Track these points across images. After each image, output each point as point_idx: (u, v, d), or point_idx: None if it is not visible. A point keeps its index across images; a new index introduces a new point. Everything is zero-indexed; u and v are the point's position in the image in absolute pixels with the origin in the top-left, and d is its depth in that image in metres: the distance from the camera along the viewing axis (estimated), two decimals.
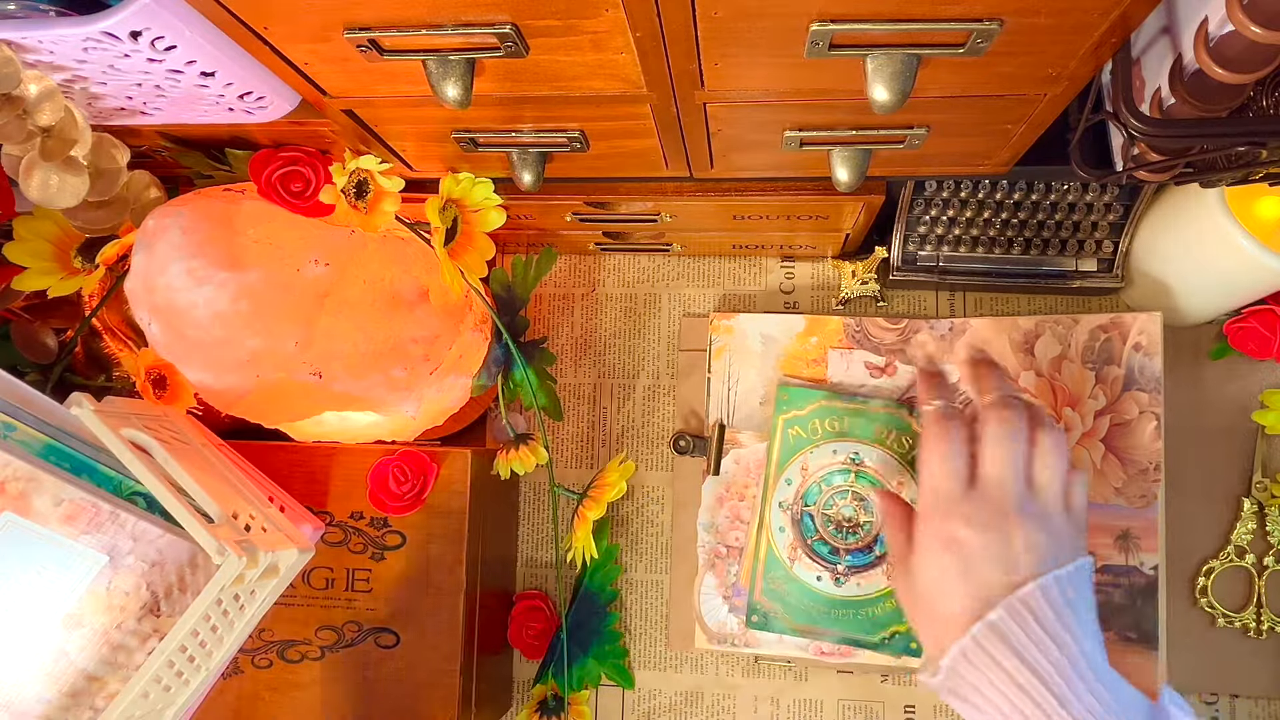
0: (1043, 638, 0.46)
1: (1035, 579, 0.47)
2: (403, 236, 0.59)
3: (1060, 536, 0.50)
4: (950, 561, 0.49)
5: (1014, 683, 0.45)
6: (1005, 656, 0.45)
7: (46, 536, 0.50)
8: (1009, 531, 0.49)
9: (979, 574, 0.48)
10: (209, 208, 0.54)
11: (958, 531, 0.49)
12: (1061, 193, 0.67)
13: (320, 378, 0.56)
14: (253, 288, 0.53)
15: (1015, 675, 0.45)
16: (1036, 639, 0.45)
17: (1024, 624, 0.46)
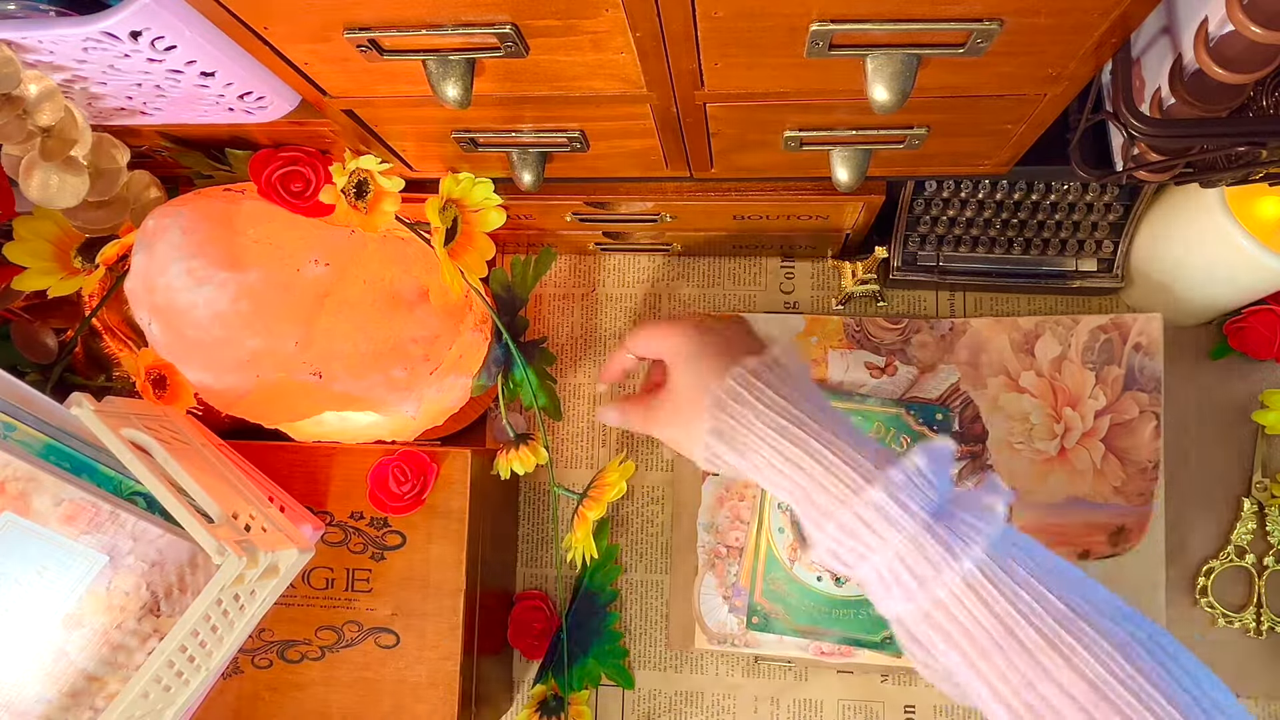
0: (790, 379, 0.49)
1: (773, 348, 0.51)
2: (403, 236, 0.59)
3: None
4: (707, 342, 0.51)
5: (776, 409, 0.47)
6: (763, 391, 0.48)
7: (46, 536, 0.50)
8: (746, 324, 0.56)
9: (729, 348, 0.51)
10: (209, 208, 0.54)
11: (703, 325, 0.53)
12: (1061, 193, 0.67)
13: (320, 378, 0.56)
14: (253, 288, 0.53)
15: (774, 405, 0.47)
16: (788, 378, 0.49)
17: (774, 369, 0.49)
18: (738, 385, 0.48)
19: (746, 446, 0.47)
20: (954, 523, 0.42)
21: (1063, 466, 0.68)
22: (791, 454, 0.45)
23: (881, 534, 0.42)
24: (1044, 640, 0.39)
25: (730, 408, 0.48)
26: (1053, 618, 0.40)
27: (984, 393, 0.70)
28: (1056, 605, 0.40)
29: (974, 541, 0.41)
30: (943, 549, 0.41)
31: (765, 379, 0.48)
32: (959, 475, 0.70)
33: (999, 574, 0.41)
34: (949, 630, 0.41)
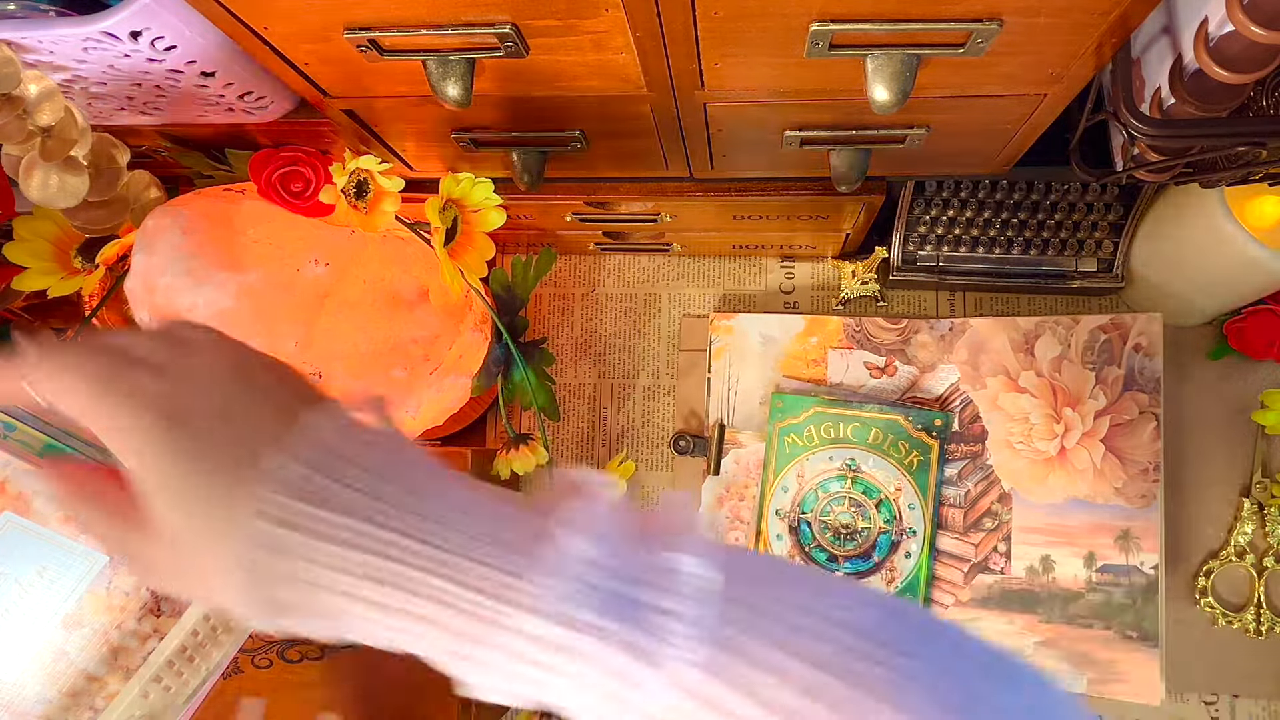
0: (370, 451, 0.32)
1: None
2: (403, 236, 0.59)
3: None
4: (198, 407, 0.31)
5: (358, 528, 0.30)
6: (329, 501, 0.30)
7: (47, 536, 0.50)
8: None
9: (250, 413, 0.32)
10: (209, 208, 0.54)
11: (181, 372, 0.32)
12: (1061, 193, 0.67)
13: (320, 378, 0.56)
14: (253, 288, 0.53)
15: (353, 522, 0.30)
16: (366, 456, 0.32)
17: (338, 450, 0.31)
18: (277, 524, 0.29)
19: (320, 611, 0.31)
20: (642, 616, 0.31)
21: (1062, 467, 0.68)
22: (398, 602, 0.30)
23: (557, 668, 0.30)
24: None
25: (273, 567, 0.30)
26: (805, 692, 0.30)
27: (984, 393, 0.70)
28: (800, 672, 0.31)
29: (673, 634, 0.30)
30: (634, 658, 0.30)
31: (322, 495, 0.30)
32: (959, 475, 0.70)
33: (724, 667, 0.31)
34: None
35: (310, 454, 0.31)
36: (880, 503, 0.70)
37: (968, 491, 0.70)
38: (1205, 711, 0.69)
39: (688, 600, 0.31)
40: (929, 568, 0.69)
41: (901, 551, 0.69)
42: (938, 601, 0.69)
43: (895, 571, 0.69)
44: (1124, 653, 0.66)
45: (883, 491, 0.70)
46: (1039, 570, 0.68)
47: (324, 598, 0.30)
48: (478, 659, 0.30)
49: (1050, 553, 0.68)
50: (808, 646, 0.31)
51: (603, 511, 0.32)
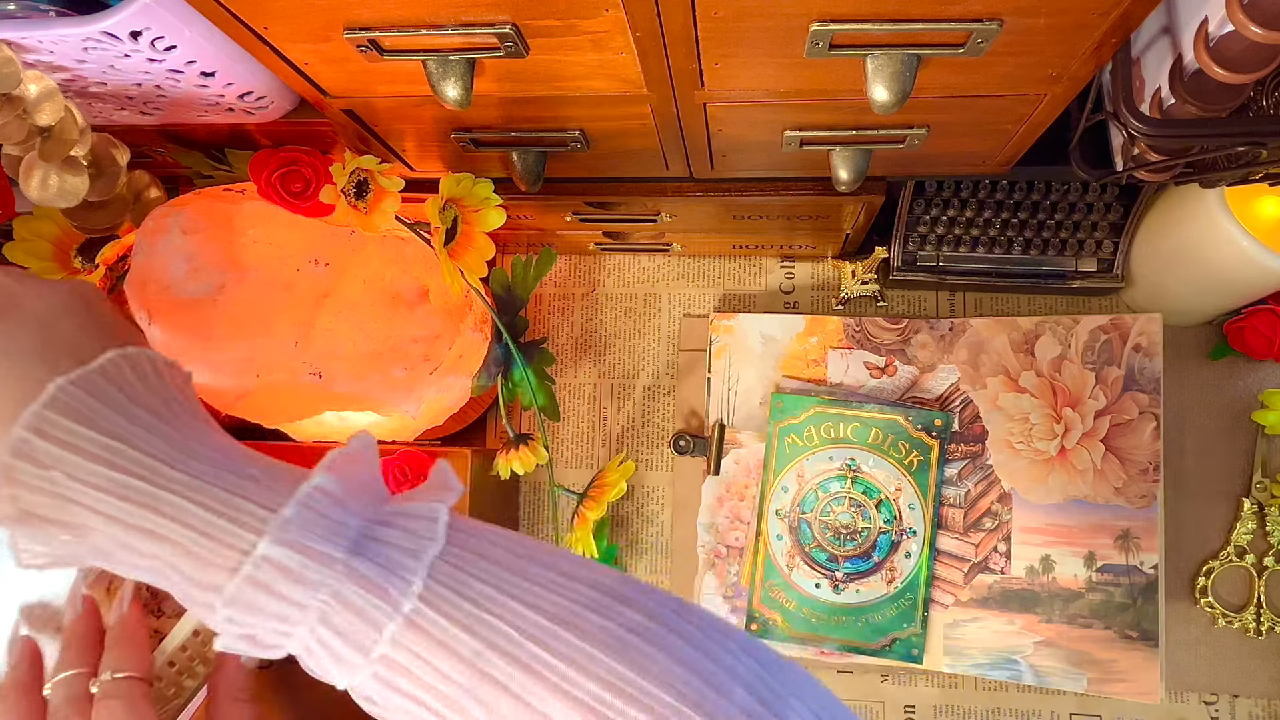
0: (134, 397, 0.34)
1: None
2: (403, 236, 0.59)
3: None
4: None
5: (104, 458, 0.32)
6: (81, 434, 0.32)
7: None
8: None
9: (31, 352, 0.34)
10: (209, 208, 0.54)
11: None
12: (1061, 193, 0.67)
13: (320, 378, 0.56)
14: (253, 288, 0.53)
15: (102, 453, 0.32)
16: (127, 399, 0.34)
17: (105, 389, 0.33)
18: (38, 435, 0.32)
19: (68, 523, 0.32)
20: (381, 553, 0.32)
21: (1063, 467, 0.68)
22: (140, 519, 0.31)
23: (293, 599, 0.31)
24: (521, 670, 0.31)
25: (30, 474, 0.32)
26: (529, 637, 0.32)
27: (984, 393, 0.70)
28: (531, 619, 0.32)
29: (410, 572, 0.32)
30: (374, 595, 0.31)
31: (88, 414, 0.32)
32: (959, 475, 0.70)
33: (452, 602, 0.32)
34: (409, 690, 0.32)
35: (68, 393, 0.33)
36: (880, 503, 0.70)
37: (968, 491, 0.70)
38: (1205, 711, 0.69)
39: (431, 543, 0.33)
40: (929, 568, 0.69)
41: (901, 551, 0.69)
42: (938, 601, 0.69)
43: (895, 571, 0.69)
44: (1124, 652, 0.66)
45: (883, 491, 0.70)
46: (1039, 570, 0.68)
47: (72, 510, 0.32)
48: (220, 590, 0.31)
49: (1050, 553, 0.68)
50: (543, 596, 0.33)
51: (357, 461, 0.34)
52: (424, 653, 0.32)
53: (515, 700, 0.31)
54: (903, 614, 0.69)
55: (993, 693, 0.71)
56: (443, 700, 0.32)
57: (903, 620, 0.69)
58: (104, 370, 0.34)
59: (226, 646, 0.32)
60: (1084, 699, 0.70)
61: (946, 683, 0.72)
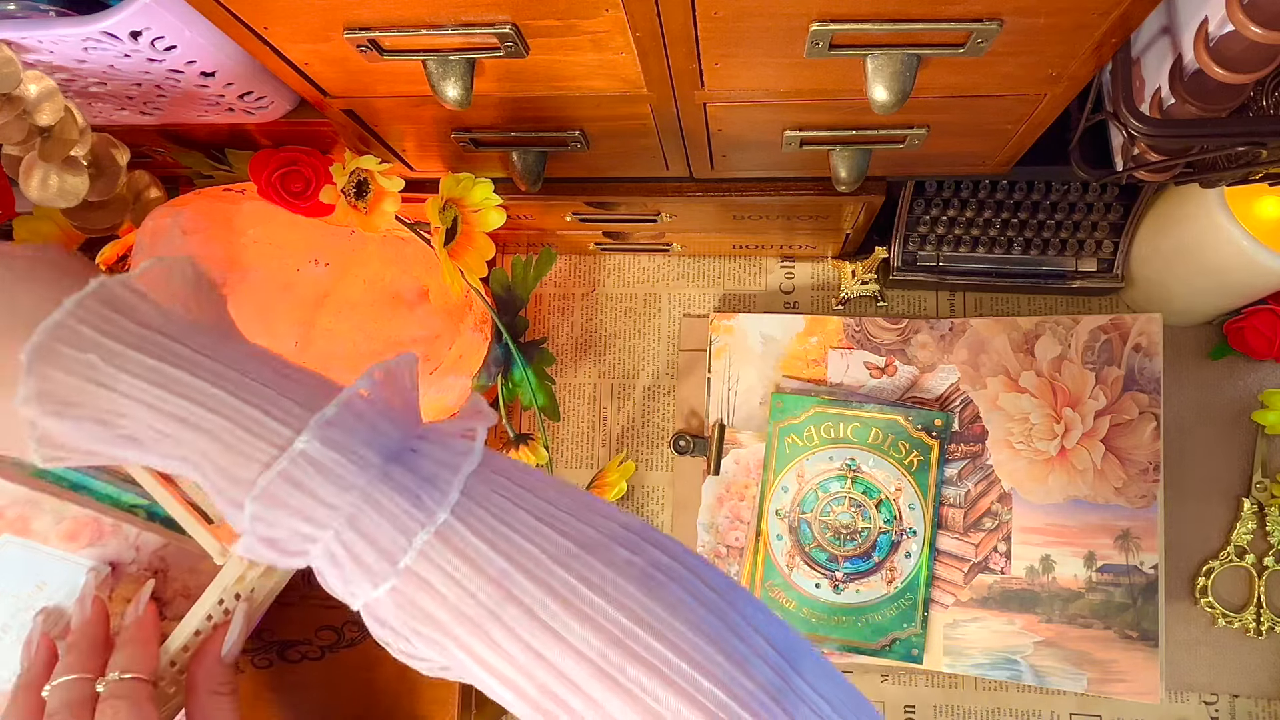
0: (172, 304, 0.34)
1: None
2: (403, 236, 0.59)
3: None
4: (19, 266, 0.36)
5: (144, 346, 0.32)
6: (121, 323, 0.32)
7: (46, 553, 0.50)
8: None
9: (59, 271, 0.35)
10: (209, 208, 0.54)
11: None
12: (1061, 193, 0.67)
13: None
14: (253, 288, 0.53)
15: (142, 341, 0.32)
16: (164, 307, 0.34)
17: (142, 294, 0.34)
18: (77, 320, 0.32)
19: (100, 409, 0.31)
20: (418, 464, 0.32)
21: (1063, 467, 0.68)
22: (177, 407, 0.31)
23: (324, 498, 0.30)
24: (548, 593, 0.30)
25: (64, 356, 0.31)
26: (558, 562, 0.31)
27: (984, 393, 0.70)
28: (561, 544, 0.31)
29: (446, 484, 0.31)
30: (406, 501, 0.31)
31: (127, 306, 0.33)
32: (959, 475, 0.70)
33: (483, 519, 0.31)
34: (428, 608, 0.31)
35: (110, 288, 0.33)
36: (880, 503, 0.70)
37: (968, 491, 0.70)
38: (1205, 711, 0.69)
39: (466, 459, 0.32)
40: (929, 568, 0.69)
41: (901, 551, 0.69)
42: (938, 601, 0.69)
43: (895, 571, 0.69)
44: (1124, 652, 0.66)
45: (883, 491, 0.70)
46: (1039, 570, 0.68)
47: (105, 396, 0.31)
48: (246, 494, 0.30)
49: (1050, 553, 0.68)
50: (573, 525, 0.32)
51: (399, 379, 0.34)
52: (451, 568, 0.31)
53: (538, 624, 0.30)
54: (903, 614, 0.69)
55: (993, 693, 0.71)
56: (462, 622, 0.31)
57: (903, 620, 0.69)
58: (146, 273, 0.34)
59: (247, 549, 0.31)
60: (1084, 699, 0.70)
61: (946, 683, 0.72)
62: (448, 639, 0.31)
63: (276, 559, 0.31)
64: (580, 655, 0.30)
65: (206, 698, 0.46)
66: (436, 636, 0.31)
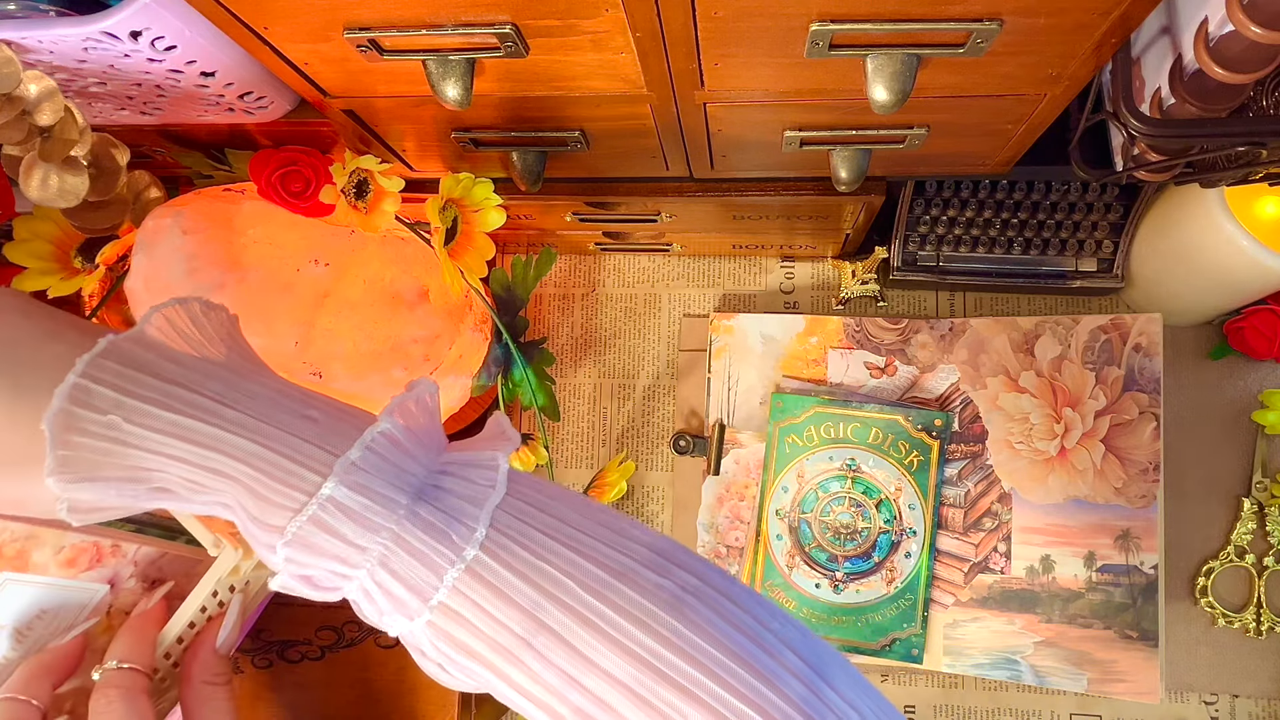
0: (178, 352, 0.34)
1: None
2: (403, 236, 0.59)
3: None
4: (22, 323, 0.34)
5: (166, 402, 0.32)
6: (140, 380, 0.32)
7: (45, 583, 0.50)
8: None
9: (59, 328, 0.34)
10: (209, 208, 0.54)
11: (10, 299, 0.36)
12: (1061, 193, 0.67)
13: (320, 378, 0.56)
14: (253, 288, 0.53)
15: (163, 397, 0.32)
16: (173, 354, 0.34)
17: (149, 344, 0.33)
18: (92, 381, 0.31)
19: (129, 467, 0.32)
20: (444, 500, 0.32)
21: (1063, 467, 0.68)
22: (204, 459, 0.32)
23: (353, 540, 0.31)
24: (579, 621, 0.31)
25: (85, 420, 0.31)
26: (588, 589, 0.32)
27: (984, 393, 0.70)
28: (590, 572, 0.32)
29: (473, 519, 0.32)
30: (437, 540, 0.31)
31: (142, 362, 0.32)
32: (959, 475, 0.70)
33: (513, 551, 0.32)
34: (463, 639, 0.32)
35: (120, 344, 0.32)
36: (880, 503, 0.70)
37: (968, 491, 0.70)
38: (1205, 711, 0.69)
39: (492, 492, 0.33)
40: (929, 568, 0.69)
41: (901, 551, 0.69)
42: (938, 601, 0.69)
43: (895, 571, 0.69)
44: (1124, 652, 0.66)
45: (883, 491, 0.70)
46: (1039, 570, 0.68)
47: (132, 455, 0.32)
48: (279, 539, 0.31)
49: (1050, 553, 0.68)
50: (601, 550, 0.33)
51: (419, 409, 0.34)
52: (483, 601, 0.31)
53: (571, 651, 0.31)
54: (903, 614, 0.69)
55: (993, 693, 0.71)
56: (497, 651, 0.32)
57: (903, 620, 0.69)
58: (151, 322, 0.34)
59: (283, 586, 0.32)
60: (1084, 699, 0.70)
61: (946, 683, 0.72)
62: (483, 667, 0.32)
63: (312, 594, 0.33)
64: (613, 679, 0.31)
65: (200, 687, 0.46)
66: (472, 665, 0.32)
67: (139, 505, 0.33)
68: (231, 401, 0.33)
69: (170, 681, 0.50)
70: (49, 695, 0.44)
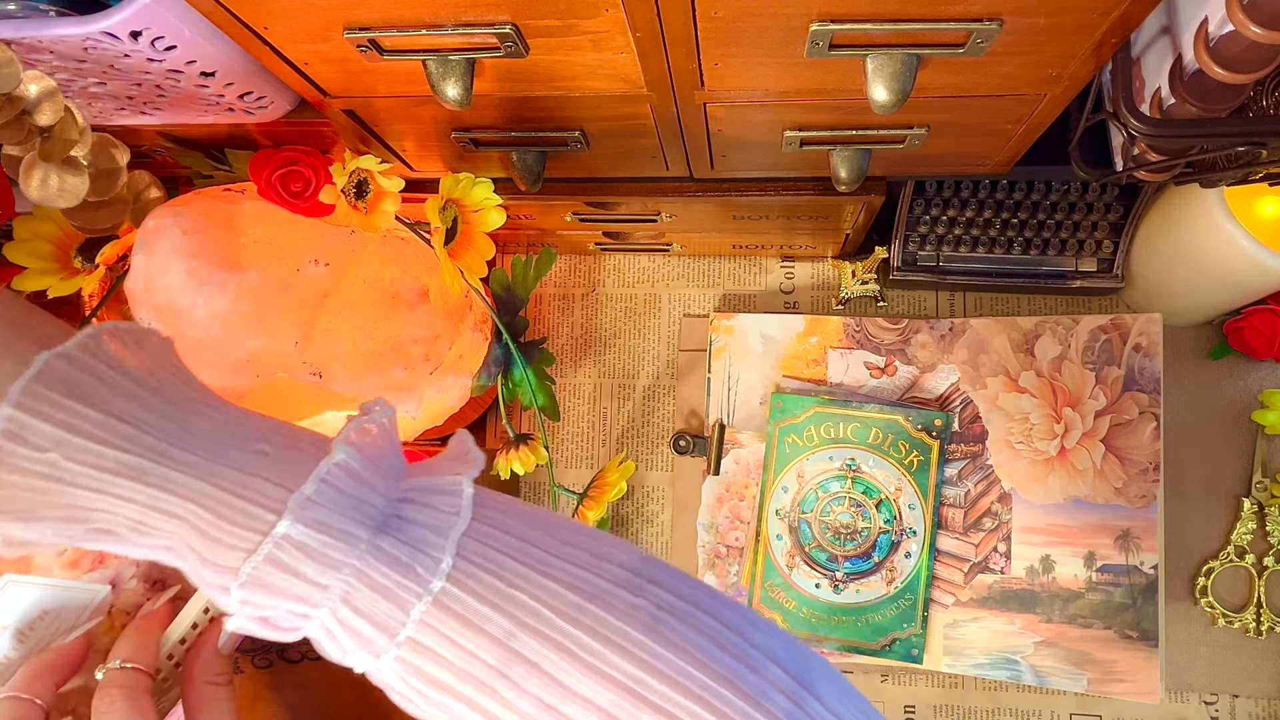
0: (123, 374, 0.31)
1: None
2: (403, 236, 0.59)
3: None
4: None
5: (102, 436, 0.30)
6: (74, 411, 0.30)
7: (47, 584, 0.50)
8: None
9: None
10: (209, 208, 0.54)
11: None
12: (1061, 193, 0.67)
13: (320, 378, 0.56)
14: (253, 288, 0.53)
15: (97, 431, 0.30)
16: (116, 376, 0.31)
17: (90, 366, 0.31)
18: (29, 415, 0.29)
19: (68, 506, 0.30)
20: (406, 531, 0.31)
21: (1063, 466, 0.68)
22: (150, 498, 0.30)
23: (313, 579, 0.30)
24: (554, 649, 0.30)
25: (21, 458, 0.29)
26: (562, 615, 0.30)
27: (984, 393, 0.70)
28: (564, 597, 0.31)
29: (438, 549, 0.31)
30: (401, 574, 0.30)
31: (83, 392, 0.30)
32: (959, 475, 0.70)
33: (482, 580, 0.30)
34: (434, 674, 0.31)
35: (77, 358, 0.30)
36: (880, 503, 0.70)
37: (968, 491, 0.70)
38: (1205, 711, 0.69)
39: (457, 518, 0.31)
40: (929, 568, 0.69)
41: (901, 551, 0.69)
42: (938, 601, 0.69)
43: (895, 571, 0.69)
44: (1124, 652, 0.66)
45: (883, 491, 0.70)
46: (1039, 570, 0.68)
47: (72, 494, 0.30)
48: (236, 573, 0.29)
49: (1050, 553, 0.68)
50: (574, 573, 0.31)
51: (377, 434, 0.32)
52: (453, 634, 0.30)
53: (547, 679, 0.30)
54: (903, 614, 0.69)
55: (993, 693, 0.71)
56: (470, 682, 0.30)
57: (903, 620, 0.69)
58: (86, 345, 0.31)
59: (240, 628, 0.31)
60: (1084, 699, 0.70)
61: (946, 683, 0.72)
62: (458, 700, 0.31)
63: (270, 634, 0.31)
64: (593, 707, 0.30)
65: (202, 687, 0.46)
66: (445, 699, 0.31)
67: (76, 544, 0.31)
68: (178, 440, 0.31)
69: (172, 681, 0.50)
70: (52, 694, 0.44)
